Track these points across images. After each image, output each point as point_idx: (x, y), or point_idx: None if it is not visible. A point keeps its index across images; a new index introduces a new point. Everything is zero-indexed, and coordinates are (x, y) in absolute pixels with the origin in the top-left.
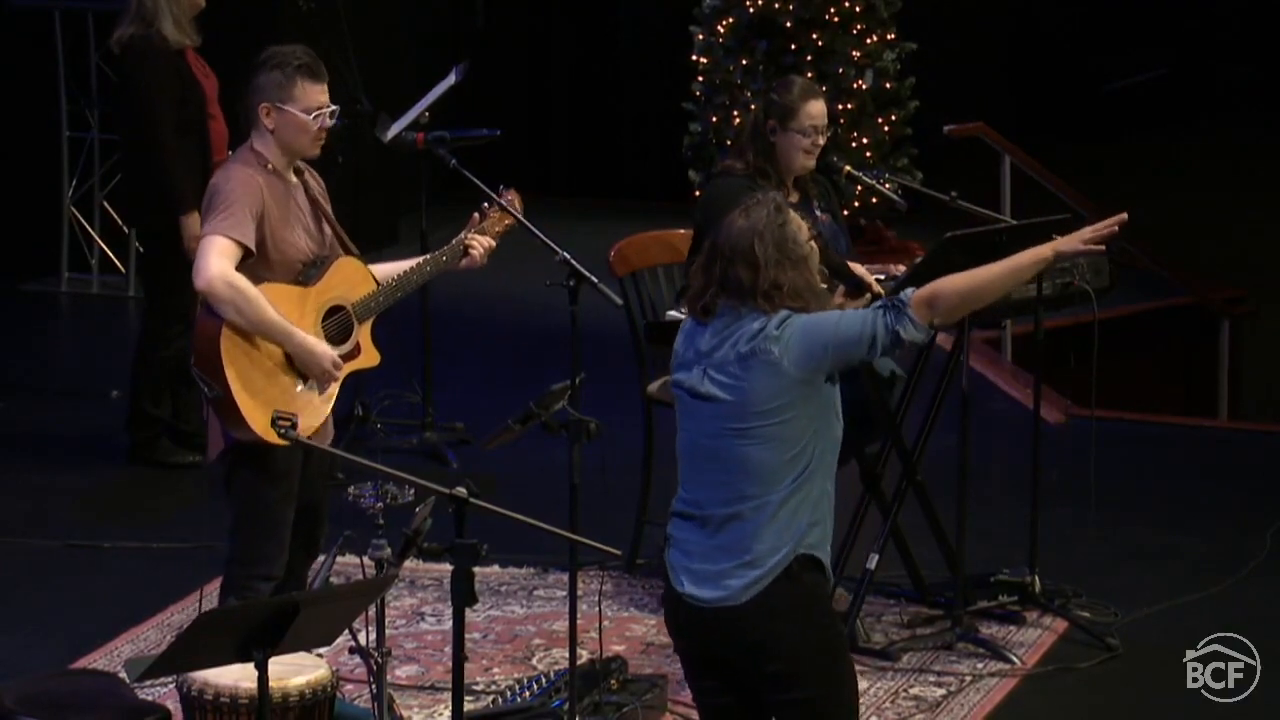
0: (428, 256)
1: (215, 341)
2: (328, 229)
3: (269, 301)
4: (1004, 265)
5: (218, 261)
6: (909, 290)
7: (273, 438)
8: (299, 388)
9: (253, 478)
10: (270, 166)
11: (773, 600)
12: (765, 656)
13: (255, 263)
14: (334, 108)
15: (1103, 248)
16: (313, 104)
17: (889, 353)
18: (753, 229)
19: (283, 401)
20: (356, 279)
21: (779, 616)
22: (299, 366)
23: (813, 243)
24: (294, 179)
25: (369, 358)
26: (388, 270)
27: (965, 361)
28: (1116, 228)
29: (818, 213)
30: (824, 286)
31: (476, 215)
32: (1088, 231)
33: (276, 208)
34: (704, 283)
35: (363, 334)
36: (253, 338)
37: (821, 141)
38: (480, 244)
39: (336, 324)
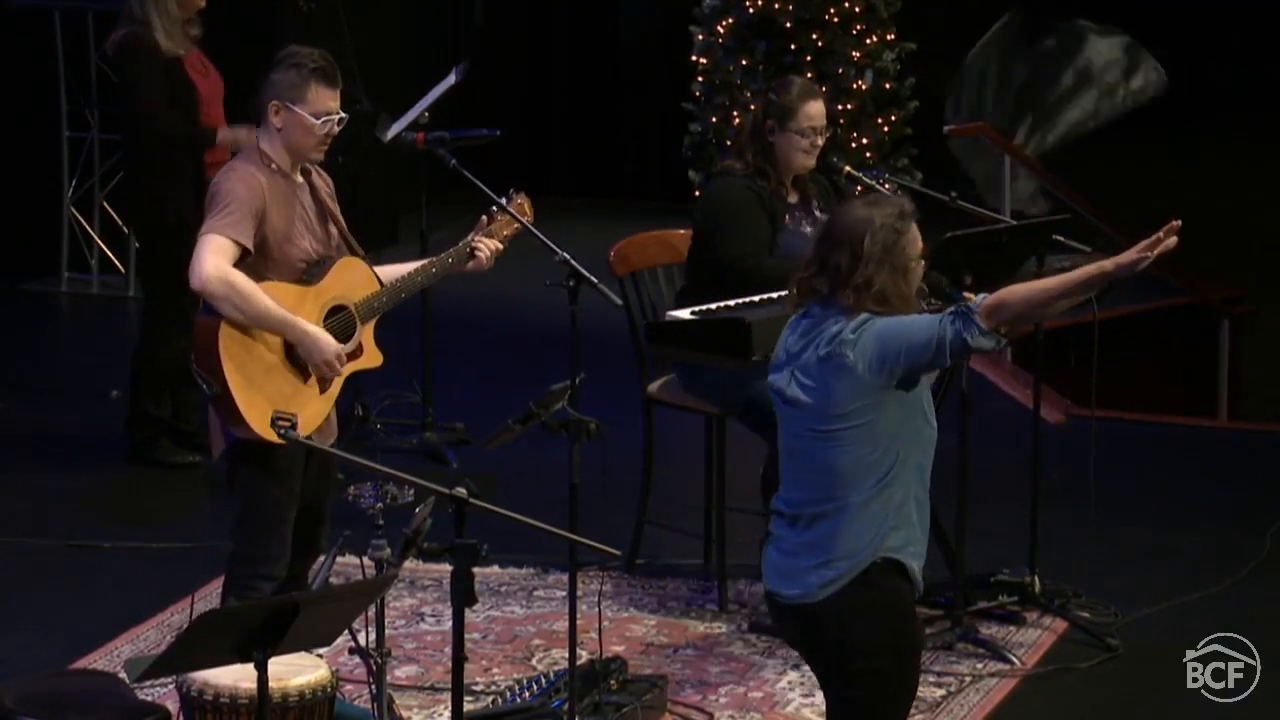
0: (434, 258)
1: (214, 339)
2: (334, 229)
3: (270, 298)
4: (1066, 278)
5: (212, 260)
6: (979, 298)
7: (272, 436)
8: (299, 385)
9: (255, 476)
10: (274, 166)
11: (848, 600)
12: (839, 654)
13: (257, 262)
14: (343, 115)
15: (1151, 255)
16: (322, 108)
17: (957, 359)
18: (869, 221)
19: (282, 399)
20: (359, 279)
21: (854, 616)
22: (301, 355)
23: (921, 261)
24: (300, 179)
25: (371, 358)
26: (393, 271)
27: (965, 361)
28: (1174, 238)
29: (816, 213)
30: (920, 303)
31: (484, 218)
32: (1144, 244)
33: (279, 207)
34: (810, 259)
35: (365, 334)
36: (251, 335)
37: (820, 141)
38: (487, 246)
39: (338, 324)
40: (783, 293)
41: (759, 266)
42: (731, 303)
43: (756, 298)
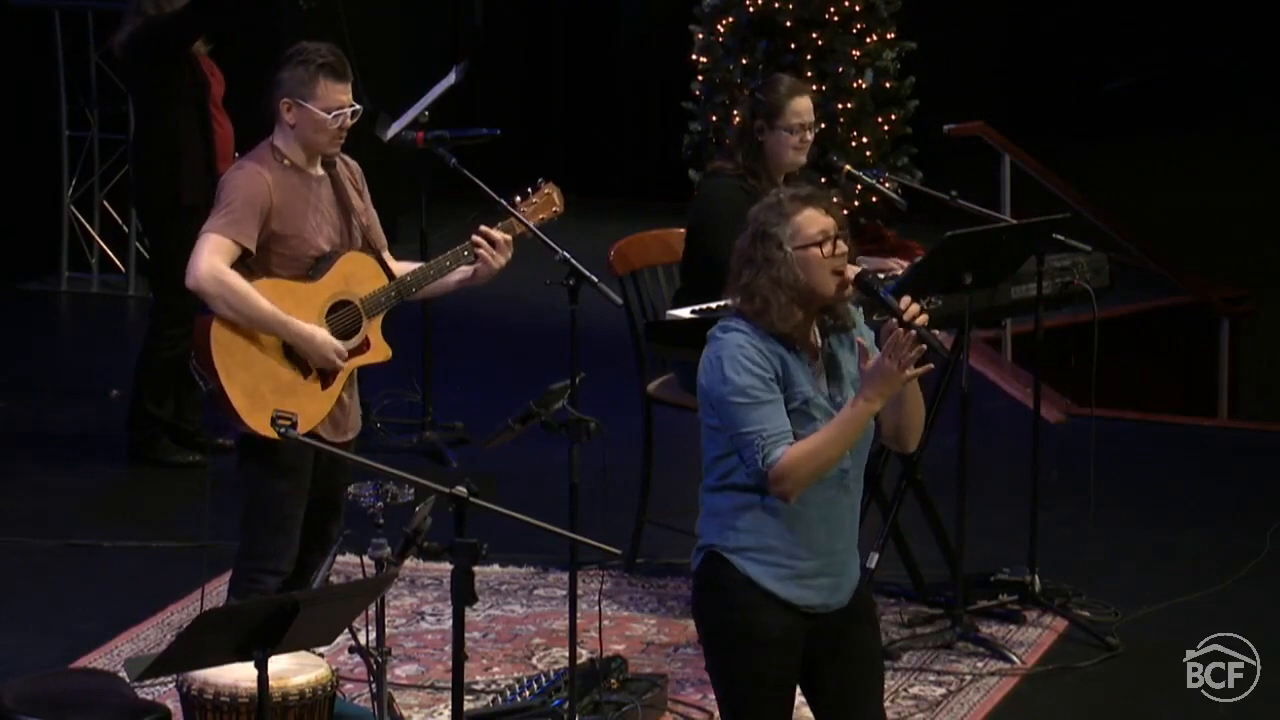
0: (445, 254)
1: (207, 335)
2: (356, 222)
3: (267, 296)
4: (835, 428)
5: (208, 259)
6: (776, 457)
7: (271, 433)
8: (299, 381)
9: (260, 471)
10: (287, 162)
11: (696, 583)
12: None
13: (265, 258)
14: (355, 107)
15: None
16: (333, 103)
17: None
18: (750, 215)
19: (280, 396)
20: (365, 274)
21: (696, 592)
22: (302, 356)
23: (816, 248)
24: (319, 172)
25: (379, 353)
26: (407, 268)
27: (965, 361)
28: (914, 332)
29: None
30: (790, 306)
31: (482, 228)
32: (886, 358)
33: (288, 204)
34: None
35: (372, 329)
36: (246, 332)
37: (810, 137)
38: (487, 246)
39: (342, 319)
40: None
41: None
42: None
43: None
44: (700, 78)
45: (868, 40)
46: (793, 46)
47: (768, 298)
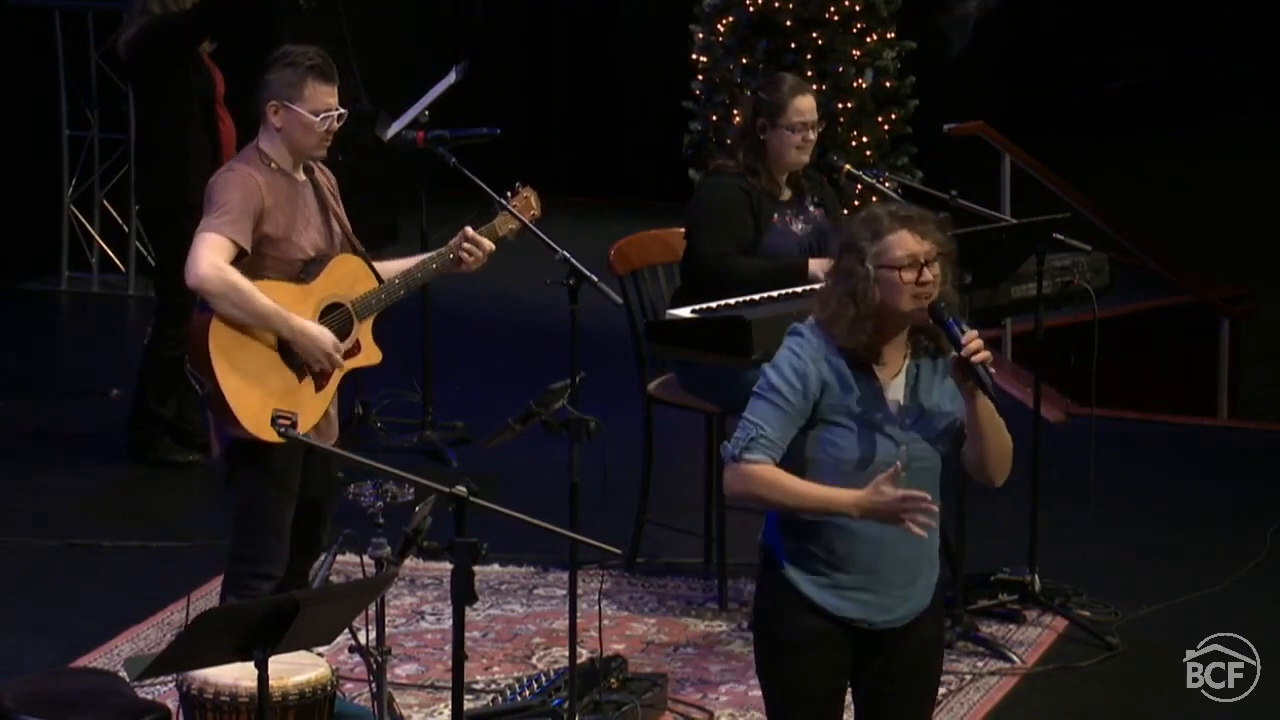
0: (430, 254)
1: (204, 337)
2: (337, 227)
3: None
4: (806, 498)
5: (209, 257)
6: (750, 460)
7: (267, 435)
8: (294, 383)
9: (252, 475)
10: (274, 165)
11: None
12: None
13: (256, 261)
14: (342, 111)
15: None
16: (320, 105)
17: None
18: (846, 225)
19: (276, 397)
20: (356, 276)
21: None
22: (298, 351)
23: (899, 270)
24: (302, 177)
25: (370, 355)
26: (394, 268)
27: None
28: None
29: (811, 208)
30: (853, 316)
31: (467, 229)
32: (893, 499)
33: (279, 206)
34: None
35: (363, 331)
36: (244, 333)
37: (812, 136)
38: (470, 252)
39: (335, 321)
40: (783, 291)
41: (732, 266)
42: (732, 301)
43: (757, 296)
44: (700, 77)
45: (868, 40)
46: (793, 46)
47: (837, 310)
